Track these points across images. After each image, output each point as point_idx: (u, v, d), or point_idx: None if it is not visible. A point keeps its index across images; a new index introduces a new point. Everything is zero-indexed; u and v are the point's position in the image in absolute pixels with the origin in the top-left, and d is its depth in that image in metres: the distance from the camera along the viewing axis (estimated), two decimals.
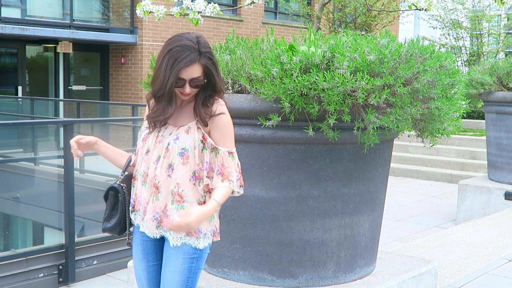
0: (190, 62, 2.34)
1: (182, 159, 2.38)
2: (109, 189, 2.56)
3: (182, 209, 2.38)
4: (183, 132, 2.41)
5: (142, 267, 2.58)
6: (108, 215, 2.56)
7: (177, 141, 2.39)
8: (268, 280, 3.32)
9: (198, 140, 2.40)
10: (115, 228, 2.55)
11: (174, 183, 2.39)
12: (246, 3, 4.37)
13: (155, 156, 2.42)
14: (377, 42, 3.04)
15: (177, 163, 2.38)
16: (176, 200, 2.40)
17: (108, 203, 2.57)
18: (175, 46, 2.35)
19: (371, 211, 3.47)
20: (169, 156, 2.39)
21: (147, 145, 2.46)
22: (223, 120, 2.43)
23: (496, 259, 4.85)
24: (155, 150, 2.42)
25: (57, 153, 9.22)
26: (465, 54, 16.91)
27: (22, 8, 13.88)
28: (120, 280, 6.02)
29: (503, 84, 7.12)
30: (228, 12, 16.65)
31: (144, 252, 2.56)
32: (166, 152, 2.40)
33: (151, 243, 2.54)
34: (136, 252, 2.58)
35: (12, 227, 8.83)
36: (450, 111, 3.19)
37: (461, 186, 7.49)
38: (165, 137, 2.42)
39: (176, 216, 2.33)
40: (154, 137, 2.45)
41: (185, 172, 2.39)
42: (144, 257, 2.56)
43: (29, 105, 13.92)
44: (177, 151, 2.39)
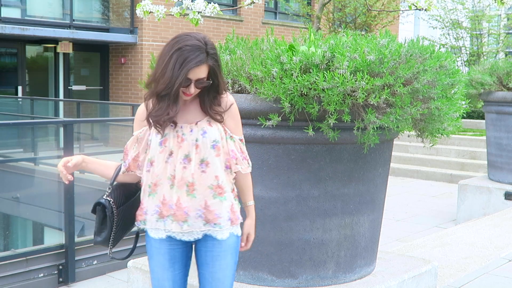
0: (200, 63, 2.32)
1: (215, 151, 2.38)
2: (96, 204, 2.50)
3: (225, 200, 2.41)
4: (207, 125, 2.39)
5: (167, 277, 2.50)
6: (98, 229, 2.51)
7: (205, 135, 2.37)
8: (268, 280, 3.32)
9: (222, 130, 2.42)
10: (105, 241, 2.51)
11: (212, 177, 2.38)
12: (246, 3, 4.37)
13: (181, 156, 2.37)
14: (377, 42, 3.04)
15: (211, 157, 2.37)
16: (218, 193, 2.40)
17: (97, 217, 2.51)
18: (184, 45, 2.32)
19: (371, 211, 3.47)
20: (200, 152, 2.37)
21: (168, 148, 2.39)
22: (236, 109, 2.50)
23: (496, 259, 4.85)
24: (180, 150, 2.37)
25: (57, 153, 9.21)
26: (465, 54, 16.91)
27: (22, 8, 13.88)
28: (120, 280, 6.02)
29: (503, 84, 7.12)
30: (228, 12, 16.65)
31: (171, 260, 2.49)
32: (196, 148, 2.37)
33: (179, 250, 2.49)
34: (160, 262, 2.50)
35: (12, 227, 8.83)
36: (450, 111, 3.19)
37: (461, 186, 7.49)
38: (187, 135, 2.38)
39: (222, 210, 2.41)
40: (174, 137, 2.38)
41: (219, 163, 2.40)
42: (171, 266, 2.49)
43: (29, 105, 13.93)
44: (209, 144, 2.37)
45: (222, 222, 2.41)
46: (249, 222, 2.56)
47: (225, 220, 2.42)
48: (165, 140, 2.39)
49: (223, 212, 2.41)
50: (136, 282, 3.67)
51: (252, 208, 2.59)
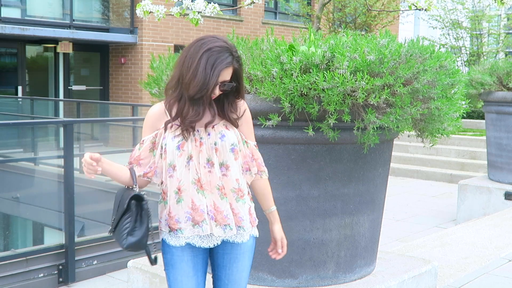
0: (229, 64, 2.30)
1: (233, 155, 2.38)
2: (131, 198, 2.32)
3: (245, 203, 2.42)
4: (224, 129, 2.37)
5: (192, 285, 2.44)
6: (132, 228, 2.32)
7: (224, 139, 2.35)
8: (268, 280, 3.32)
9: (239, 134, 2.42)
10: (140, 241, 2.33)
11: (233, 180, 2.38)
12: (246, 3, 4.37)
13: (203, 160, 2.34)
14: (377, 42, 3.04)
15: (230, 160, 2.37)
16: (240, 196, 2.40)
17: (131, 213, 2.33)
18: (213, 46, 2.28)
19: (371, 211, 3.47)
20: (220, 155, 2.35)
21: (187, 152, 2.33)
22: (249, 114, 2.50)
23: (496, 259, 4.85)
24: (200, 154, 2.34)
25: (57, 153, 9.21)
26: (465, 54, 16.91)
27: (22, 8, 13.88)
28: (120, 280, 6.02)
29: (503, 84, 7.12)
30: (228, 12, 16.65)
31: (195, 268, 2.44)
32: (215, 151, 2.34)
33: (201, 257, 2.46)
34: (184, 270, 2.43)
35: (12, 227, 8.83)
36: (450, 111, 3.19)
37: (461, 186, 7.49)
38: (205, 138, 2.34)
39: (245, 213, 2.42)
40: (192, 141, 2.33)
41: (238, 166, 2.40)
42: (195, 274, 2.45)
43: (29, 105, 13.93)
44: (228, 148, 2.36)
45: (245, 225, 2.43)
46: (278, 227, 2.56)
47: (247, 222, 2.43)
48: (183, 144, 2.33)
49: (245, 215, 2.43)
50: (136, 282, 3.67)
51: (276, 213, 2.58)
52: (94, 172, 2.27)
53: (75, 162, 7.70)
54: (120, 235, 2.34)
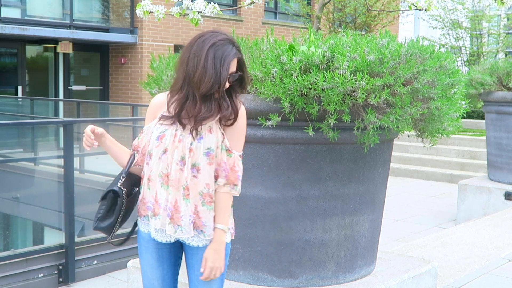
0: (236, 55, 2.32)
1: (208, 159, 2.32)
2: (108, 191, 2.47)
3: (212, 210, 2.36)
4: (206, 131, 2.33)
5: (156, 275, 2.50)
6: (103, 216, 2.47)
7: (201, 141, 2.32)
8: (268, 280, 3.32)
9: (220, 140, 2.35)
10: (108, 229, 2.47)
11: (203, 184, 2.34)
12: (246, 3, 4.37)
13: (177, 156, 2.33)
14: (377, 42, 3.04)
15: (203, 163, 2.32)
16: (207, 201, 2.35)
17: (105, 203, 2.47)
18: (217, 40, 2.29)
19: (371, 211, 3.47)
20: (193, 156, 2.32)
21: (164, 144, 2.35)
22: (242, 123, 2.42)
23: (496, 259, 4.85)
24: (176, 150, 2.33)
25: (57, 153, 9.21)
26: (465, 54, 16.91)
27: (22, 8, 13.88)
28: (120, 280, 6.02)
29: (503, 84, 7.12)
30: (228, 12, 16.65)
31: (159, 260, 2.48)
32: (189, 152, 2.32)
33: (166, 250, 2.48)
34: (149, 260, 2.49)
35: (12, 227, 8.83)
36: (450, 111, 3.19)
37: (461, 186, 7.49)
38: (185, 137, 2.33)
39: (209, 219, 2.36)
40: (171, 136, 2.34)
41: (211, 172, 2.34)
42: (159, 265, 2.49)
43: (29, 105, 13.93)
44: (202, 151, 2.32)
45: (207, 231, 2.37)
46: (209, 246, 2.38)
47: (210, 229, 2.38)
48: (162, 135, 2.36)
49: (208, 221, 2.37)
50: (136, 282, 3.68)
51: (218, 233, 2.38)
52: (91, 145, 2.41)
53: (75, 162, 7.71)
54: (95, 216, 2.49)
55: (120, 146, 2.55)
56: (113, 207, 2.47)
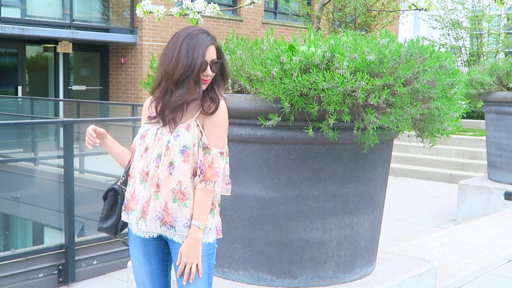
0: (212, 41, 2.37)
1: (183, 157, 2.35)
2: (109, 190, 2.53)
3: (185, 207, 2.37)
4: (183, 129, 2.36)
5: (145, 271, 2.54)
6: (106, 216, 2.53)
7: (177, 139, 2.35)
8: (268, 280, 3.32)
9: (197, 137, 2.37)
10: (111, 229, 2.53)
11: (175, 181, 2.35)
12: (246, 3, 4.37)
13: (155, 154, 2.38)
14: (377, 42, 3.04)
15: (178, 161, 2.34)
16: (178, 198, 2.37)
17: (107, 203, 2.54)
18: (191, 32, 2.35)
19: (371, 211, 3.47)
20: (170, 154, 2.35)
21: (146, 143, 2.42)
22: (223, 119, 2.42)
23: (496, 259, 4.86)
24: (155, 148, 2.38)
25: (57, 153, 9.22)
26: (465, 54, 16.91)
27: (22, 8, 13.88)
28: (120, 280, 6.02)
29: (503, 84, 7.12)
30: (228, 12, 16.65)
31: (146, 255, 2.52)
32: (166, 150, 2.36)
33: (152, 246, 2.50)
34: (136, 256, 2.54)
35: (12, 227, 8.83)
36: (450, 111, 3.19)
37: (461, 186, 7.49)
38: (164, 135, 2.38)
39: (180, 215, 2.37)
40: (152, 134, 2.41)
41: (186, 169, 2.35)
42: (146, 261, 2.52)
43: (29, 105, 13.92)
44: (178, 148, 2.34)
45: (177, 226, 2.38)
46: (185, 242, 2.37)
47: (181, 225, 2.38)
48: (145, 134, 2.43)
49: (180, 217, 2.38)
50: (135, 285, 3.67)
51: (193, 229, 2.36)
52: (93, 144, 2.50)
53: (75, 162, 7.71)
54: (99, 217, 2.56)
55: (122, 147, 2.60)
56: (114, 206, 2.53)
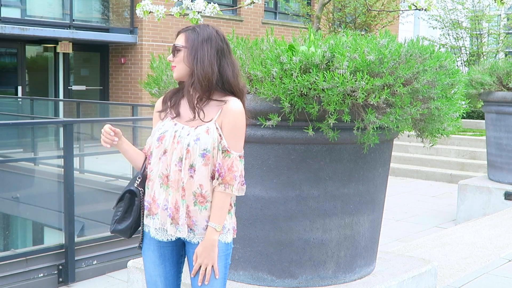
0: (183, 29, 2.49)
1: (203, 160, 2.34)
2: (126, 191, 2.51)
3: (205, 209, 2.37)
4: (203, 132, 2.35)
5: (159, 273, 2.52)
6: (121, 217, 2.51)
7: (198, 142, 2.33)
8: (268, 280, 3.32)
9: (217, 140, 2.35)
10: (125, 231, 2.51)
11: (196, 184, 2.35)
12: (246, 3, 4.37)
13: (175, 157, 2.36)
14: (377, 42, 3.04)
15: (199, 164, 2.34)
16: (199, 201, 2.37)
17: (123, 205, 2.52)
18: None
19: (371, 211, 3.47)
20: (190, 157, 2.34)
21: (164, 145, 2.39)
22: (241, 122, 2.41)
23: (496, 259, 4.85)
24: (174, 151, 2.36)
25: (57, 153, 9.22)
26: (465, 54, 16.92)
27: (22, 8, 13.89)
28: (120, 280, 6.02)
29: (503, 84, 7.11)
30: (228, 12, 16.65)
31: (161, 257, 2.50)
32: (187, 153, 2.34)
33: (168, 248, 2.50)
34: (151, 258, 2.52)
35: (12, 227, 8.83)
36: (450, 111, 3.19)
37: (461, 186, 7.49)
38: (183, 138, 2.36)
39: (199, 218, 2.38)
40: (171, 137, 2.38)
41: (206, 173, 2.35)
42: (161, 263, 2.51)
43: (29, 105, 13.93)
44: (198, 152, 2.33)
45: (197, 230, 2.40)
46: (200, 243, 2.39)
47: (200, 228, 2.39)
48: (162, 137, 2.40)
49: (199, 220, 2.39)
50: (136, 282, 3.67)
51: (209, 231, 2.37)
52: (110, 142, 2.44)
53: (75, 162, 7.71)
54: (112, 219, 2.53)
55: (136, 148, 2.58)
56: (130, 208, 2.51)
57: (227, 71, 2.39)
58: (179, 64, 2.41)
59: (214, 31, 2.42)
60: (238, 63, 2.50)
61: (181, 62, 2.41)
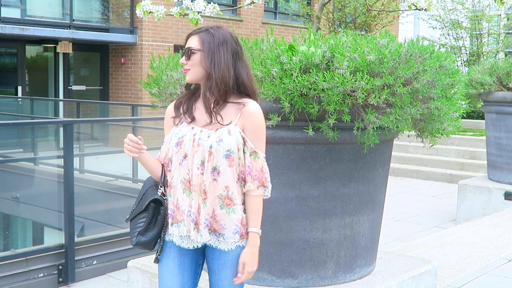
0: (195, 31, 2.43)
1: (228, 161, 2.29)
2: (151, 201, 2.39)
3: (233, 213, 2.33)
4: (225, 133, 2.30)
5: (176, 283, 2.43)
6: (145, 228, 2.38)
7: (221, 143, 2.28)
8: (268, 280, 3.32)
9: (241, 142, 2.32)
10: (150, 243, 2.40)
11: (222, 187, 2.30)
12: (246, 3, 4.37)
13: (197, 161, 2.30)
14: (377, 42, 3.04)
15: (223, 166, 2.29)
16: (226, 204, 2.32)
17: (146, 215, 2.39)
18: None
19: (371, 211, 3.47)
20: (213, 159, 2.29)
21: (183, 150, 2.33)
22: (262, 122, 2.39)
23: (496, 259, 4.86)
24: (195, 154, 2.30)
25: (57, 153, 9.22)
26: (465, 54, 16.92)
27: (22, 8, 13.89)
28: (120, 280, 6.02)
29: (503, 84, 7.12)
30: (228, 12, 16.65)
31: (181, 267, 2.42)
32: (209, 155, 2.29)
33: (188, 256, 2.43)
34: (170, 267, 2.42)
35: (12, 227, 8.84)
36: (449, 111, 3.19)
37: (461, 186, 7.49)
38: (203, 140, 2.30)
39: (228, 222, 2.32)
40: (190, 140, 2.32)
41: (232, 174, 2.31)
42: (180, 272, 2.42)
43: (29, 105, 13.94)
44: (222, 153, 2.28)
45: (226, 234, 2.34)
46: (246, 251, 2.36)
47: (230, 232, 2.34)
48: (181, 141, 2.34)
49: (228, 224, 2.33)
50: (136, 282, 3.68)
51: (253, 236, 2.36)
52: (139, 151, 2.34)
53: (75, 162, 7.71)
54: (133, 231, 2.41)
55: (154, 158, 2.47)
56: (154, 218, 2.40)
57: (242, 73, 2.36)
58: (194, 67, 2.34)
59: (228, 33, 2.38)
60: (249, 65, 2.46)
61: (196, 65, 2.34)
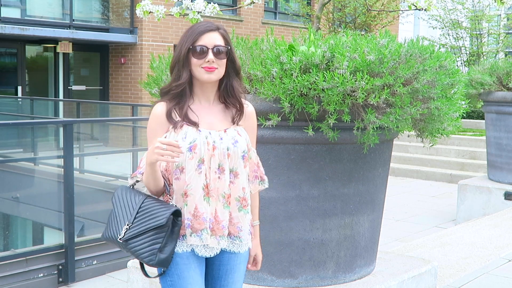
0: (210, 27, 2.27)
1: (243, 162, 2.27)
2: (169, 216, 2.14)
3: (248, 213, 2.30)
4: (237, 134, 2.27)
5: None
6: (163, 245, 2.14)
7: (237, 144, 2.24)
8: (268, 280, 3.32)
9: (249, 142, 2.32)
10: (168, 259, 2.17)
11: (240, 188, 2.26)
12: (246, 3, 4.37)
13: (214, 165, 2.21)
14: (377, 42, 3.04)
15: (240, 167, 2.26)
16: (243, 205, 2.28)
17: (166, 230, 2.14)
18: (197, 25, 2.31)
19: (371, 211, 3.47)
20: (231, 161, 2.24)
21: (199, 155, 2.18)
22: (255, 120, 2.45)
23: (496, 259, 4.85)
24: (212, 158, 2.20)
25: (57, 153, 9.22)
26: (465, 54, 16.92)
27: (22, 8, 13.89)
28: (120, 280, 6.02)
29: (503, 84, 7.12)
30: (228, 12, 16.65)
31: (202, 276, 2.29)
32: (227, 157, 2.22)
33: (203, 265, 2.31)
34: (194, 278, 2.25)
35: (12, 227, 8.84)
36: (449, 111, 3.19)
37: (461, 186, 7.49)
38: (218, 143, 2.22)
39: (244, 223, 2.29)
40: (204, 144, 2.19)
41: (246, 174, 2.30)
42: (203, 282, 2.30)
43: (29, 105, 13.93)
44: (240, 154, 2.25)
45: (243, 236, 2.30)
46: (256, 243, 2.42)
47: (245, 233, 2.31)
48: (194, 146, 2.18)
49: (244, 225, 2.30)
50: (136, 282, 3.67)
51: (258, 228, 2.44)
52: (178, 155, 2.09)
53: (75, 162, 7.71)
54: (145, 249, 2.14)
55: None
56: (172, 230, 2.18)
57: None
58: (222, 66, 2.24)
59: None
60: None
61: (224, 63, 2.24)
